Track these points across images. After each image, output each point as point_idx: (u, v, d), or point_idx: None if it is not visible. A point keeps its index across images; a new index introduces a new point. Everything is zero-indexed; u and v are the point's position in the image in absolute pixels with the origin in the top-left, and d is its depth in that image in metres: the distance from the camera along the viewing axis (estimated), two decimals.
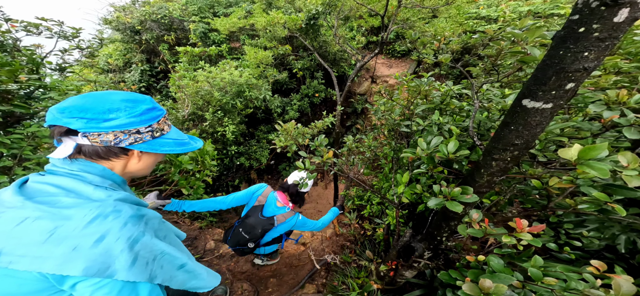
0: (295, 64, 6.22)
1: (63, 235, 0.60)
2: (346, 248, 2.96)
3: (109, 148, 0.70)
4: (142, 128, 0.73)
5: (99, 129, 0.67)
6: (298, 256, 3.50)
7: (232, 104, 4.49)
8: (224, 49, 6.71)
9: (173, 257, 0.76)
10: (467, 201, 1.03)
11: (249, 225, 1.85)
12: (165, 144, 0.78)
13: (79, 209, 0.64)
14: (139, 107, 0.72)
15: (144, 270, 0.67)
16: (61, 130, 0.66)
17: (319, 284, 2.76)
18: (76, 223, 0.62)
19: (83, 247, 0.61)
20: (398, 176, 1.78)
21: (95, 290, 0.62)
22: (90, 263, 0.60)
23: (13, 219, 0.61)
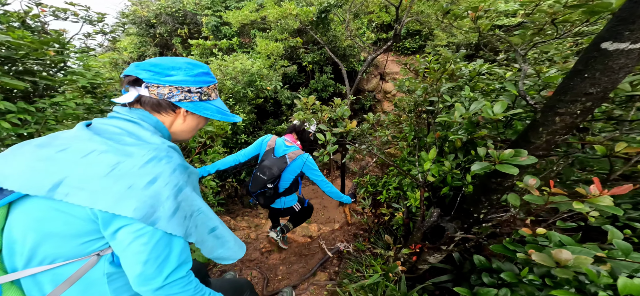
0: (305, 57, 6.10)
1: (123, 171, 0.60)
2: (359, 237, 2.81)
3: (162, 101, 0.74)
4: (193, 88, 0.76)
5: (159, 82, 0.72)
6: (308, 246, 3.36)
7: (243, 92, 4.39)
8: (234, 43, 6.64)
9: (207, 217, 0.75)
10: (522, 164, 0.87)
11: (265, 167, 1.89)
12: (209, 108, 0.80)
13: (139, 148, 0.65)
14: (196, 69, 0.77)
15: (181, 224, 0.66)
16: (130, 78, 0.72)
17: (331, 272, 2.61)
18: (135, 161, 0.62)
19: (137, 187, 0.60)
20: (423, 154, 1.63)
21: (135, 237, 0.61)
22: (140, 204, 0.59)
23: (80, 150, 0.61)
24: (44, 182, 0.58)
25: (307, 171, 1.98)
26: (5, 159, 0.62)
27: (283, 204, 2.25)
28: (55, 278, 0.63)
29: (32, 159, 0.60)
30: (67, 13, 2.82)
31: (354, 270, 2.38)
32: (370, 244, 2.58)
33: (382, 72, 7.72)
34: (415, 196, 1.78)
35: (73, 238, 0.61)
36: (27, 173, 0.59)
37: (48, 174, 0.59)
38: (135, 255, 0.62)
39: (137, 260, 0.62)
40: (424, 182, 1.57)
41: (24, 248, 0.61)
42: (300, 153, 1.94)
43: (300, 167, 1.96)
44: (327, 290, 2.38)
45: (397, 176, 2.49)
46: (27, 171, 0.59)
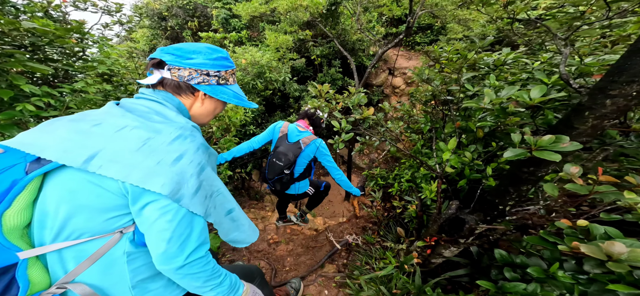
0: (314, 51, 6.00)
1: (153, 147, 0.61)
2: (368, 230, 2.74)
3: (182, 84, 0.75)
4: (212, 71, 0.77)
5: (180, 64, 0.74)
6: (315, 238, 3.32)
7: (252, 84, 4.34)
8: (243, 36, 6.58)
9: (225, 198, 0.76)
10: (564, 150, 0.78)
11: (280, 153, 1.90)
12: (226, 93, 0.81)
13: (167, 126, 0.66)
14: (215, 54, 0.78)
15: (202, 203, 0.66)
16: (154, 61, 0.75)
17: (339, 264, 2.56)
18: (164, 138, 0.63)
19: (165, 163, 0.61)
20: (441, 144, 1.54)
21: (161, 213, 0.61)
22: (168, 180, 0.60)
23: (114, 125, 0.63)
24: (80, 153, 0.59)
25: (320, 156, 1.95)
26: (41, 132, 0.63)
27: (297, 190, 2.23)
28: (79, 254, 0.63)
29: (68, 132, 0.62)
30: (87, 3, 2.89)
31: (363, 263, 2.32)
32: (379, 238, 2.51)
33: (391, 67, 7.57)
34: (431, 188, 1.70)
35: (102, 212, 0.61)
36: (64, 144, 0.60)
37: (83, 146, 0.59)
38: (160, 232, 0.62)
39: (162, 237, 0.62)
40: (441, 173, 1.49)
41: (55, 221, 0.61)
42: (313, 138, 1.93)
43: (314, 152, 1.94)
44: (335, 282, 2.33)
45: (410, 168, 2.41)
46: (64, 142, 0.60)
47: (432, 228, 1.53)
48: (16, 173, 0.59)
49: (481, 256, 1.40)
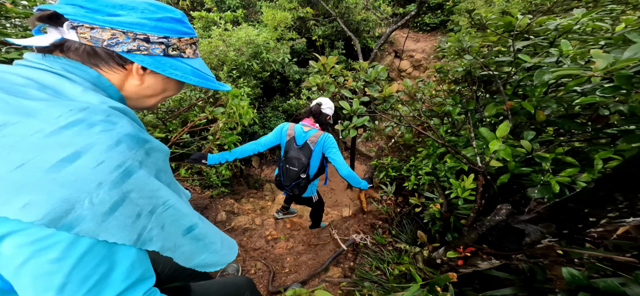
0: (316, 30, 5.54)
1: (12, 138, 0.36)
2: (378, 228, 2.43)
3: (98, 50, 0.49)
4: (154, 36, 0.51)
5: (95, 22, 0.47)
6: (317, 235, 3.02)
7: (247, 65, 3.93)
8: (239, 15, 6.08)
9: (180, 214, 0.52)
10: None
11: (292, 158, 1.83)
12: (180, 68, 0.56)
13: (52, 106, 0.40)
14: (161, 12, 0.52)
15: (132, 225, 0.43)
16: (45, 13, 0.45)
17: (345, 267, 2.27)
18: (40, 124, 0.38)
19: (37, 166, 0.36)
20: (483, 130, 1.18)
21: (35, 251, 0.37)
22: (41, 196, 0.36)
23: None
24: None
25: (326, 150, 1.80)
26: None
27: (311, 191, 2.18)
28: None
29: None
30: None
31: (374, 268, 2.02)
32: (391, 238, 2.20)
33: (397, 50, 7.10)
34: (464, 185, 1.36)
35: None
36: None
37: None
38: (40, 278, 0.38)
39: (46, 285, 0.38)
40: (485, 168, 1.14)
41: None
42: (320, 134, 1.81)
43: (323, 145, 1.81)
44: (341, 289, 2.04)
45: (427, 157, 2.06)
46: None
47: (469, 236, 1.20)
48: None
49: (533, 272, 1.08)
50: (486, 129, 1.18)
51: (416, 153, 2.66)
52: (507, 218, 1.03)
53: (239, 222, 3.03)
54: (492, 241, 1.04)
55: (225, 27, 4.03)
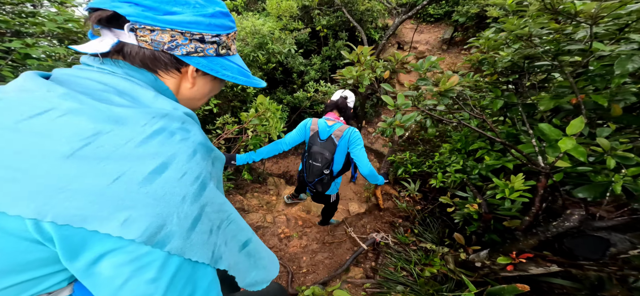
0: (320, 20, 5.32)
1: (105, 149, 0.34)
2: (399, 226, 2.34)
3: (159, 55, 0.46)
4: (208, 36, 0.48)
5: (155, 22, 0.43)
6: (331, 233, 2.92)
7: (253, 56, 3.73)
8: (239, 3, 5.80)
9: (239, 228, 0.48)
10: None
11: (316, 153, 1.76)
12: (229, 67, 0.53)
13: (137, 113, 0.38)
14: (212, 7, 0.48)
15: (206, 242, 0.39)
16: (104, 13, 0.41)
17: (366, 267, 2.18)
18: (130, 133, 0.36)
19: (132, 179, 0.34)
20: (544, 126, 1.08)
21: (134, 271, 0.34)
22: (139, 212, 0.33)
23: (23, 108, 0.34)
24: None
25: (352, 145, 1.71)
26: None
27: (335, 188, 2.09)
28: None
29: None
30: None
31: (399, 268, 1.93)
32: (414, 237, 2.12)
33: (400, 41, 6.95)
34: (513, 185, 1.26)
35: (4, 274, 0.34)
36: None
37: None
38: None
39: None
40: (550, 168, 1.04)
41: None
42: (345, 128, 1.73)
43: (348, 139, 1.72)
44: (365, 291, 1.95)
45: (453, 153, 1.96)
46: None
47: (525, 242, 1.11)
48: None
49: (602, 282, 0.99)
50: (548, 125, 1.08)
51: (434, 148, 2.56)
52: (580, 224, 0.93)
53: (250, 220, 2.90)
54: (562, 249, 0.94)
55: None
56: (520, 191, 1.22)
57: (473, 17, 5.67)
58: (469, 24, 5.73)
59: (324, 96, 4.47)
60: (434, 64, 1.08)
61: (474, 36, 5.37)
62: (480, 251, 1.40)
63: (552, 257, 0.99)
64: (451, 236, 1.95)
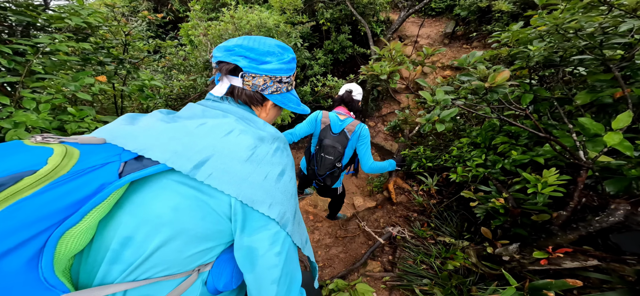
0: (324, 13, 5.21)
1: (260, 157, 0.51)
2: (415, 220, 2.33)
3: (255, 94, 0.63)
4: (284, 77, 0.65)
5: (256, 71, 0.61)
6: (343, 227, 2.91)
7: None
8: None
9: (302, 222, 0.60)
10: None
11: (328, 147, 1.75)
12: (292, 100, 0.70)
13: (266, 133, 0.57)
14: (287, 54, 0.65)
15: (298, 229, 0.55)
16: (229, 67, 0.61)
17: (384, 261, 2.18)
18: (267, 148, 0.53)
19: (271, 178, 0.50)
20: (585, 120, 1.06)
21: (271, 243, 0.49)
22: (276, 200, 0.49)
23: (221, 127, 0.52)
24: (191, 157, 0.45)
25: (360, 142, 1.73)
26: (133, 128, 0.49)
27: (339, 182, 2.05)
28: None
29: (171, 130, 0.49)
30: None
31: (419, 262, 1.93)
32: (431, 231, 2.11)
33: (401, 35, 6.87)
34: (547, 180, 1.24)
35: (200, 240, 0.47)
36: (172, 144, 0.46)
37: (193, 149, 0.46)
38: (269, 270, 0.49)
39: (271, 277, 0.49)
40: (592, 162, 1.02)
41: (140, 250, 0.43)
42: (357, 123, 1.74)
43: (359, 134, 1.72)
44: (384, 284, 1.95)
45: (472, 147, 1.95)
46: (171, 141, 0.47)
47: (564, 237, 1.10)
48: (107, 173, 0.40)
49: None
50: (589, 119, 1.06)
51: (447, 143, 2.55)
52: (625, 219, 0.92)
53: None
54: (606, 244, 0.93)
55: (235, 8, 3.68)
56: (555, 186, 1.20)
57: (475, 11, 5.62)
58: (471, 18, 5.67)
59: (331, 90, 4.41)
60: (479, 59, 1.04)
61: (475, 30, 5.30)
62: (509, 245, 1.39)
63: (594, 252, 0.98)
64: (471, 230, 1.94)
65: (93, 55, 1.86)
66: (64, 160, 0.38)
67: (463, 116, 2.24)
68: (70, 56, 1.63)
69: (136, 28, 6.40)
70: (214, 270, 0.51)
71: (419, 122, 1.10)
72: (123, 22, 2.53)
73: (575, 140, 1.05)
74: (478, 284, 1.60)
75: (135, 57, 2.51)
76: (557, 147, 1.10)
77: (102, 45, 2.00)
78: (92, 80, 1.44)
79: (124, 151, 0.45)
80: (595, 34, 1.01)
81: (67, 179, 0.37)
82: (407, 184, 2.74)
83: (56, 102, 1.30)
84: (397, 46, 1.27)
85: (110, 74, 1.96)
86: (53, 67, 1.51)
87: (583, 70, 1.23)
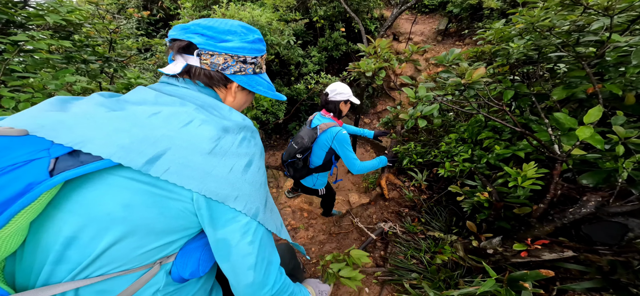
0: (318, 10, 5.21)
1: (224, 149, 0.50)
2: (406, 216, 2.38)
3: (214, 74, 0.60)
4: (249, 58, 0.63)
5: (214, 48, 0.58)
6: (336, 223, 2.95)
7: None
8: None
9: (274, 207, 0.62)
10: None
11: (298, 136, 1.88)
12: (261, 83, 0.68)
13: (231, 123, 0.54)
14: (252, 34, 0.64)
15: (270, 216, 0.57)
16: (181, 44, 0.58)
17: (376, 257, 2.23)
18: (232, 138, 0.52)
19: (237, 170, 0.50)
20: (560, 114, 1.10)
21: (242, 234, 0.50)
22: (243, 192, 0.50)
23: (179, 117, 0.48)
24: (142, 151, 0.42)
25: (337, 145, 1.75)
26: (65, 116, 0.42)
27: (314, 182, 2.09)
28: (100, 294, 0.44)
29: (116, 120, 0.44)
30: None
31: (409, 257, 1.98)
32: (421, 226, 2.16)
33: (395, 32, 6.90)
34: (525, 173, 1.29)
35: (158, 235, 0.46)
36: (118, 137, 0.41)
37: (145, 142, 0.43)
38: (243, 258, 0.51)
39: (246, 264, 0.51)
40: (566, 156, 1.07)
41: (88, 249, 0.42)
42: (331, 125, 1.74)
43: (330, 141, 1.75)
44: (376, 279, 1.99)
45: (460, 142, 1.99)
46: (117, 133, 0.42)
47: (541, 229, 1.15)
48: (34, 172, 0.36)
49: (614, 267, 1.04)
50: (564, 115, 1.10)
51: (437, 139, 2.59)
52: (597, 211, 0.97)
53: None
54: (579, 235, 0.98)
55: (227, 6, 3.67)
56: (533, 179, 1.25)
57: (467, 8, 5.67)
58: (463, 15, 5.73)
59: (324, 87, 4.43)
60: (459, 56, 1.07)
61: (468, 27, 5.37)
62: (493, 239, 1.44)
63: (569, 243, 1.03)
64: (459, 224, 2.00)
65: (77, 53, 1.85)
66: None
67: (453, 112, 2.28)
68: (53, 53, 1.62)
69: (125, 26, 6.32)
70: (179, 261, 0.51)
71: (403, 118, 1.13)
72: (108, 19, 2.51)
73: (551, 135, 1.09)
74: (465, 277, 1.65)
75: (123, 55, 2.49)
76: (533, 142, 1.14)
77: (87, 43, 1.99)
78: (73, 79, 1.43)
79: (53, 145, 0.39)
80: (571, 32, 1.06)
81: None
82: (398, 180, 2.79)
83: (36, 101, 1.30)
84: (382, 43, 1.29)
85: (95, 72, 1.95)
86: (34, 66, 1.50)
87: (563, 66, 1.28)
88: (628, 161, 1.06)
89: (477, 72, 0.95)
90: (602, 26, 0.95)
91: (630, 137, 1.00)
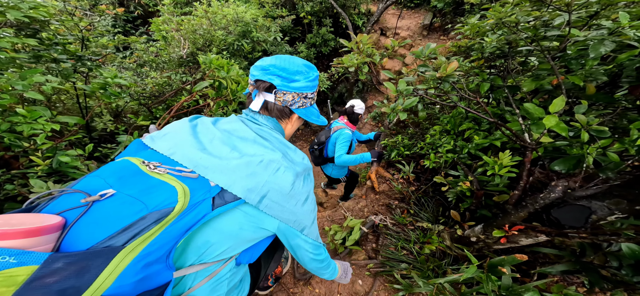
0: (304, 6, 5.21)
1: (295, 191, 0.69)
2: (396, 208, 2.47)
3: (285, 109, 0.79)
4: (309, 94, 0.80)
5: (287, 88, 0.76)
6: (330, 218, 3.02)
7: (237, 45, 3.61)
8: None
9: (316, 222, 0.86)
10: None
11: (319, 134, 2.44)
12: (313, 113, 0.85)
13: (300, 168, 0.73)
14: (312, 73, 0.80)
15: (314, 228, 0.81)
16: (265, 85, 0.76)
17: (368, 249, 2.30)
18: (300, 182, 0.71)
19: (299, 203, 0.71)
20: (529, 105, 1.19)
21: (304, 244, 0.77)
22: (307, 222, 0.74)
23: (273, 165, 0.67)
24: (257, 191, 0.64)
25: (337, 138, 2.19)
26: (216, 162, 0.64)
27: (331, 171, 2.66)
28: (202, 273, 0.69)
29: (243, 167, 0.64)
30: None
31: (399, 248, 2.07)
32: (411, 217, 2.26)
33: (382, 27, 6.99)
34: (501, 162, 1.39)
35: (247, 242, 0.71)
36: (247, 182, 0.63)
37: (257, 183, 0.64)
38: (306, 254, 0.79)
39: (308, 258, 0.80)
40: (535, 144, 1.16)
41: (208, 247, 0.66)
42: (340, 128, 2.23)
43: (337, 136, 2.20)
44: (368, 270, 2.07)
45: (444, 134, 2.09)
46: (246, 179, 0.63)
47: (516, 215, 1.24)
48: (206, 207, 0.60)
49: (584, 249, 1.15)
50: (532, 105, 1.19)
51: (424, 131, 2.69)
52: (564, 195, 1.06)
53: None
54: (549, 220, 1.07)
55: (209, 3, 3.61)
56: (508, 167, 1.34)
57: (450, 3, 5.83)
58: (447, 9, 5.89)
59: None
60: (434, 51, 1.14)
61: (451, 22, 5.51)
62: (475, 227, 1.53)
63: (541, 228, 1.13)
64: (445, 214, 2.10)
65: (46, 51, 1.79)
66: (185, 199, 0.57)
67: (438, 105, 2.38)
68: (20, 52, 1.58)
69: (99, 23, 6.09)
70: (244, 253, 0.75)
71: (385, 111, 1.20)
72: (78, 15, 2.43)
73: (521, 124, 1.19)
74: (453, 265, 1.75)
75: (98, 53, 2.43)
76: (506, 131, 1.23)
77: (56, 41, 1.93)
78: (43, 78, 1.40)
79: (211, 188, 0.62)
80: (537, 27, 1.15)
81: (186, 214, 0.57)
82: (388, 173, 2.87)
83: (4, 102, 1.26)
84: (364, 39, 1.35)
85: (68, 72, 1.90)
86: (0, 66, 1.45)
87: (534, 59, 1.38)
88: (592, 147, 1.16)
89: (450, 65, 1.01)
90: (564, 22, 1.04)
91: (592, 124, 1.10)
